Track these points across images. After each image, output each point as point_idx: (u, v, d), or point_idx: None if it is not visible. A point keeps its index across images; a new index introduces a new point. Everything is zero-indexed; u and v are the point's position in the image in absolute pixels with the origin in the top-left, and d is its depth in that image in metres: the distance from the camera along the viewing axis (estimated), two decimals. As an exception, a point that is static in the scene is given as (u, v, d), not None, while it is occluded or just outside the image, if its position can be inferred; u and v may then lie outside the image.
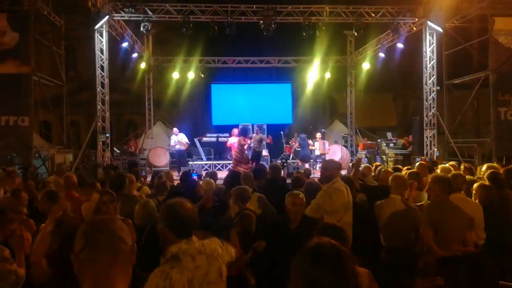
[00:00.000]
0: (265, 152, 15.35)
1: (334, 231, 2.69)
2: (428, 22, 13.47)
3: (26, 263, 3.22)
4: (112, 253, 1.47)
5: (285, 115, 20.86)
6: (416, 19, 13.67)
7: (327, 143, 16.07)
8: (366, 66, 16.95)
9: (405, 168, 6.99)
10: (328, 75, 18.53)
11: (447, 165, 7.23)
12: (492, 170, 5.30)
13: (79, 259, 1.47)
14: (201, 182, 6.58)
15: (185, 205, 2.38)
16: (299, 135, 15.93)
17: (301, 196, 4.14)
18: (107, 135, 12.89)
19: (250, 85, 20.84)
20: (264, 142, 14.16)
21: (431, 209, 3.95)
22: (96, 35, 12.86)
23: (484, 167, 6.16)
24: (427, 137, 13.76)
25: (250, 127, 16.76)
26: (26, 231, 3.41)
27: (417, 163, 7.63)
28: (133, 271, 1.58)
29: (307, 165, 13.69)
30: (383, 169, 6.15)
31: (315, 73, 18.39)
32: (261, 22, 12.94)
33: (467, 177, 5.34)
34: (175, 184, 7.51)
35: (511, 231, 4.27)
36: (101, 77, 13.10)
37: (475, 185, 4.66)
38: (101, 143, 12.84)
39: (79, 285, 1.47)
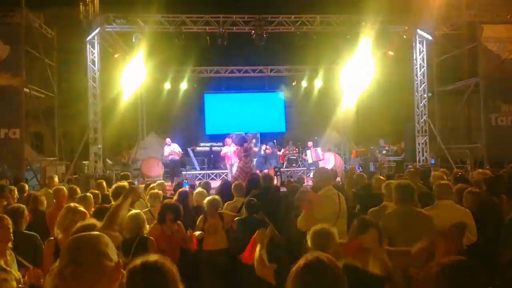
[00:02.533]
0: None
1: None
2: (418, 30, 13.62)
3: None
4: (97, 270, 1.45)
5: (278, 124, 20.91)
6: (406, 27, 13.81)
7: (319, 150, 16.10)
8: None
9: (396, 176, 7.01)
10: (319, 83, 18.61)
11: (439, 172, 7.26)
12: (482, 176, 5.33)
13: (63, 276, 1.45)
14: (193, 193, 6.55)
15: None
16: (270, 142, 15.85)
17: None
18: (99, 146, 12.83)
19: (243, 94, 20.90)
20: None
21: (386, 218, 3.89)
22: (88, 46, 12.86)
23: (475, 173, 6.20)
24: (419, 144, 13.83)
25: (244, 135, 16.75)
26: None
27: (407, 170, 7.65)
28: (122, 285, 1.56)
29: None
30: (375, 177, 6.15)
31: (307, 81, 18.48)
32: (253, 32, 13.01)
33: (459, 184, 5.37)
34: (168, 194, 7.48)
35: (499, 235, 4.26)
36: (93, 88, 13.06)
37: (465, 192, 4.68)
38: (93, 154, 12.77)
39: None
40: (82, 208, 3.62)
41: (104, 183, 7.68)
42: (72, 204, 3.68)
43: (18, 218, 4.41)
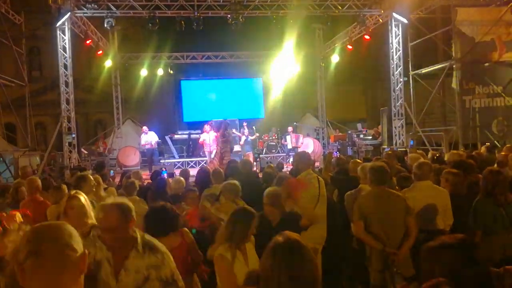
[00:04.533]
0: (237, 148, 15.28)
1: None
2: (394, 14, 13.66)
3: None
4: (59, 261, 1.37)
5: (256, 110, 20.85)
6: (382, 11, 13.83)
7: (301, 136, 16.17)
8: (335, 59, 17.08)
9: (374, 158, 7.06)
10: (298, 68, 18.58)
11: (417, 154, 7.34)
12: (457, 157, 5.40)
13: (23, 268, 1.37)
14: (170, 181, 6.45)
15: None
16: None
17: (272, 193, 3.88)
18: (73, 135, 12.51)
19: (220, 80, 20.73)
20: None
21: (361, 200, 3.95)
22: (58, 32, 12.43)
23: (449, 154, 6.28)
24: (395, 127, 13.99)
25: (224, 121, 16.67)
26: None
27: (385, 153, 7.72)
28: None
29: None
30: (352, 160, 6.17)
31: (285, 67, 18.41)
32: (229, 16, 12.81)
33: (435, 165, 5.44)
34: (144, 183, 7.35)
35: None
36: (65, 76, 12.68)
37: (443, 172, 4.72)
38: (67, 144, 12.45)
39: (26, 297, 1.37)
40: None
41: (79, 174, 7.50)
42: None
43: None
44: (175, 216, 3.50)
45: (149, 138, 14.54)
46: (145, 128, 14.93)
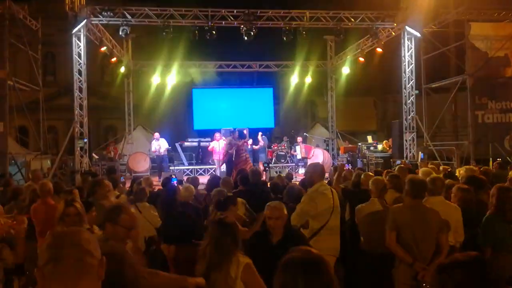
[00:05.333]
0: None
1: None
2: (407, 27, 13.66)
3: None
4: (79, 267, 1.39)
5: (267, 119, 20.88)
6: (395, 24, 13.85)
7: (313, 149, 16.17)
8: (346, 70, 17.09)
9: (385, 171, 7.02)
10: (309, 79, 18.62)
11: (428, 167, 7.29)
12: (470, 172, 5.35)
13: (43, 274, 1.39)
14: (180, 188, 6.47)
15: None
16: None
17: (278, 208, 3.63)
18: (85, 140, 12.63)
19: (231, 89, 20.81)
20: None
21: (396, 211, 3.93)
22: (74, 39, 12.63)
23: (462, 170, 6.23)
24: (406, 140, 13.92)
25: (232, 131, 16.73)
26: None
27: (397, 166, 7.68)
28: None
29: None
30: (363, 174, 6.15)
31: (296, 77, 18.48)
32: (242, 26, 12.91)
33: (448, 181, 5.39)
34: (155, 190, 7.39)
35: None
36: (79, 82, 12.85)
37: (454, 188, 4.69)
38: (79, 148, 12.57)
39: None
40: None
41: (90, 178, 7.57)
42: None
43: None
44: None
45: (159, 144, 14.64)
46: (156, 134, 15.03)
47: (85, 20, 12.36)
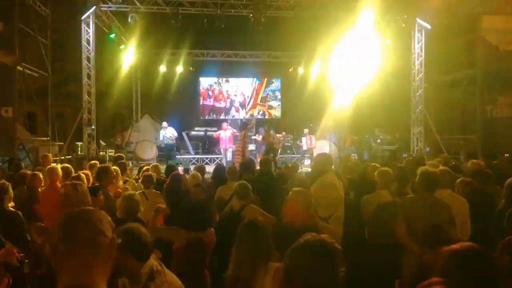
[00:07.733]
0: (252, 147, 15.33)
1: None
2: (417, 19, 13.52)
3: None
4: (91, 246, 1.41)
5: (274, 110, 20.82)
6: (406, 16, 13.70)
7: (313, 138, 16.12)
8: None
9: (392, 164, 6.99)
10: (318, 69, 18.51)
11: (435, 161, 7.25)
12: (476, 166, 5.34)
13: (56, 251, 1.42)
14: (187, 176, 6.51)
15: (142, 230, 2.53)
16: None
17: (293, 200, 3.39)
18: (93, 127, 12.71)
19: (239, 79, 20.72)
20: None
21: (406, 203, 3.94)
22: (83, 25, 12.64)
23: (469, 163, 6.21)
24: (414, 134, 13.85)
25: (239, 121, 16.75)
26: None
27: (406, 159, 7.65)
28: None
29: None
30: (370, 165, 6.14)
31: (305, 67, 18.38)
32: (251, 15, 12.84)
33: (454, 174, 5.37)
34: (162, 177, 7.43)
35: (493, 226, 4.28)
36: (88, 69, 12.89)
37: (457, 181, 4.68)
38: (86, 135, 12.66)
39: (58, 279, 1.42)
40: None
41: (98, 164, 7.61)
42: None
43: (2, 195, 4.39)
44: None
45: (167, 133, 14.71)
46: (164, 123, 15.09)
47: (94, 7, 12.36)
